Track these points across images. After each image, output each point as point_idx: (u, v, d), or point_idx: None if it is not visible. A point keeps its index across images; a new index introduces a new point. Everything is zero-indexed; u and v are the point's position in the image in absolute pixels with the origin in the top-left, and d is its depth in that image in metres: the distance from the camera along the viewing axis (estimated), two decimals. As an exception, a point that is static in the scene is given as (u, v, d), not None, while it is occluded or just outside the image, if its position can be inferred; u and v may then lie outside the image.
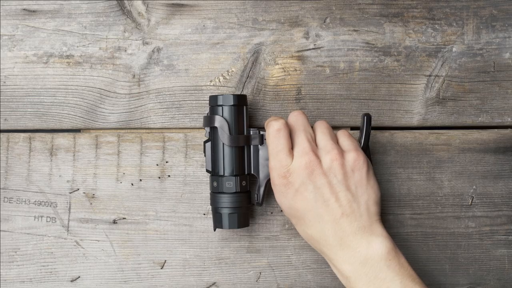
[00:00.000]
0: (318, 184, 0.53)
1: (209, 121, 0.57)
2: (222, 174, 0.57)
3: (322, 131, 0.56)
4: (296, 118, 0.56)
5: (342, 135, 0.57)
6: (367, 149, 0.58)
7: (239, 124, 0.57)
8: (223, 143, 0.56)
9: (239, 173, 0.57)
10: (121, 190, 0.62)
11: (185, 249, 0.62)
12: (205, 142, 0.58)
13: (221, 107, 0.56)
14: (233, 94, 0.57)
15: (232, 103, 0.56)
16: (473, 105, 0.63)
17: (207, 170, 0.58)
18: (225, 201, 0.57)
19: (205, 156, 0.58)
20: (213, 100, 0.57)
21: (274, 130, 0.55)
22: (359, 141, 0.57)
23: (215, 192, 0.57)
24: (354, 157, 0.54)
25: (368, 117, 0.57)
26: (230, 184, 0.56)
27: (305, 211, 0.54)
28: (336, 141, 0.56)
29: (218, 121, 0.56)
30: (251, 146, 0.58)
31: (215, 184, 0.57)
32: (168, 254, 0.62)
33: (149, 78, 0.62)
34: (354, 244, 0.52)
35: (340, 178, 0.53)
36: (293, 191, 0.54)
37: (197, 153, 0.62)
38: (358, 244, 0.52)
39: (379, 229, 0.53)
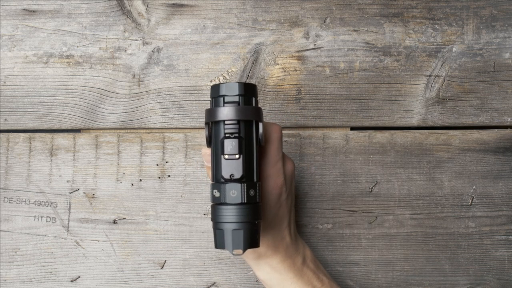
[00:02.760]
0: (292, 192, 0.54)
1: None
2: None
3: None
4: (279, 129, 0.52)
5: None
6: None
7: None
8: (250, 139, 0.47)
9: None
10: (121, 190, 0.62)
11: (185, 249, 0.62)
12: (230, 138, 0.46)
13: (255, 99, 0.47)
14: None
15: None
16: (473, 105, 0.63)
17: (227, 176, 0.46)
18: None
19: (219, 158, 0.46)
20: (253, 88, 0.47)
21: (279, 135, 0.50)
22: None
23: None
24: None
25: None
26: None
27: (279, 221, 0.52)
28: None
29: (261, 114, 0.47)
30: (257, 147, 0.48)
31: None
32: (168, 254, 0.62)
33: (149, 78, 0.62)
34: (295, 247, 0.54)
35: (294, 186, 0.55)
36: (281, 202, 0.51)
37: (197, 153, 0.62)
38: (298, 247, 0.54)
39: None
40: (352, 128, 0.63)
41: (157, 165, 0.62)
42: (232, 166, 0.46)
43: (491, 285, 0.63)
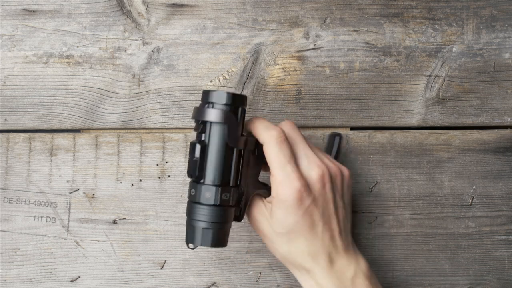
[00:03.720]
0: (327, 199, 0.52)
1: (200, 113, 0.50)
2: (203, 181, 0.50)
3: (310, 145, 0.54)
4: (293, 130, 0.53)
5: (320, 151, 0.55)
6: None
7: (241, 127, 0.52)
8: (226, 147, 0.50)
9: (222, 183, 0.50)
10: (121, 190, 0.62)
11: (185, 249, 0.62)
12: (193, 142, 0.50)
13: (229, 106, 0.50)
14: (244, 95, 0.51)
15: (228, 102, 0.50)
16: (473, 105, 0.63)
17: (188, 175, 0.51)
18: (201, 213, 0.49)
19: (188, 158, 0.50)
20: (221, 97, 0.50)
21: (277, 139, 0.51)
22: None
23: (193, 202, 0.50)
24: (349, 175, 0.54)
25: (340, 137, 0.58)
26: (208, 194, 0.49)
27: (308, 227, 0.51)
28: None
29: (228, 118, 0.49)
30: (245, 153, 0.52)
31: (192, 192, 0.50)
32: (168, 254, 0.62)
33: (149, 78, 0.62)
34: (344, 261, 0.52)
35: (340, 194, 0.53)
36: (305, 207, 0.50)
37: (197, 153, 0.62)
38: (349, 262, 0.52)
39: (356, 247, 0.54)
40: (352, 128, 0.63)
41: (157, 165, 0.62)
42: (191, 166, 0.50)
43: (491, 285, 0.63)
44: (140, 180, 0.62)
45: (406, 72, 0.63)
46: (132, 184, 0.62)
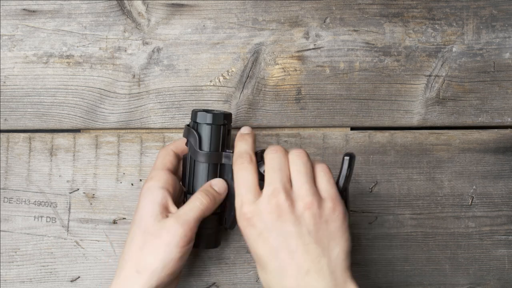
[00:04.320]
0: (285, 232, 0.47)
1: (186, 133, 0.55)
2: (190, 192, 0.55)
3: (298, 169, 0.49)
4: (274, 156, 0.50)
5: (321, 175, 0.49)
6: (346, 192, 0.51)
7: (215, 143, 0.54)
8: (194, 160, 0.55)
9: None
10: (121, 190, 0.62)
11: (185, 249, 0.62)
12: (184, 155, 0.56)
13: (197, 124, 0.55)
14: (213, 113, 0.54)
15: (208, 122, 0.54)
16: (473, 105, 0.63)
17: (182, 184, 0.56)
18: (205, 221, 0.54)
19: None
20: (193, 116, 0.55)
21: (238, 164, 0.51)
22: (338, 182, 0.50)
23: None
24: (331, 208, 0.48)
25: (350, 158, 0.50)
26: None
27: (267, 259, 0.47)
28: (313, 181, 0.49)
29: (191, 135, 0.54)
30: (225, 168, 0.55)
31: (184, 201, 0.55)
32: (168, 254, 0.62)
33: (149, 78, 0.62)
34: None
35: (311, 229, 0.47)
36: (256, 234, 0.48)
37: (197, 153, 0.62)
38: None
39: (352, 286, 0.47)
40: (352, 128, 0.63)
41: (157, 165, 0.62)
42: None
43: (491, 285, 0.63)
44: (140, 180, 0.62)
45: (406, 72, 0.63)
46: (132, 184, 0.62)
